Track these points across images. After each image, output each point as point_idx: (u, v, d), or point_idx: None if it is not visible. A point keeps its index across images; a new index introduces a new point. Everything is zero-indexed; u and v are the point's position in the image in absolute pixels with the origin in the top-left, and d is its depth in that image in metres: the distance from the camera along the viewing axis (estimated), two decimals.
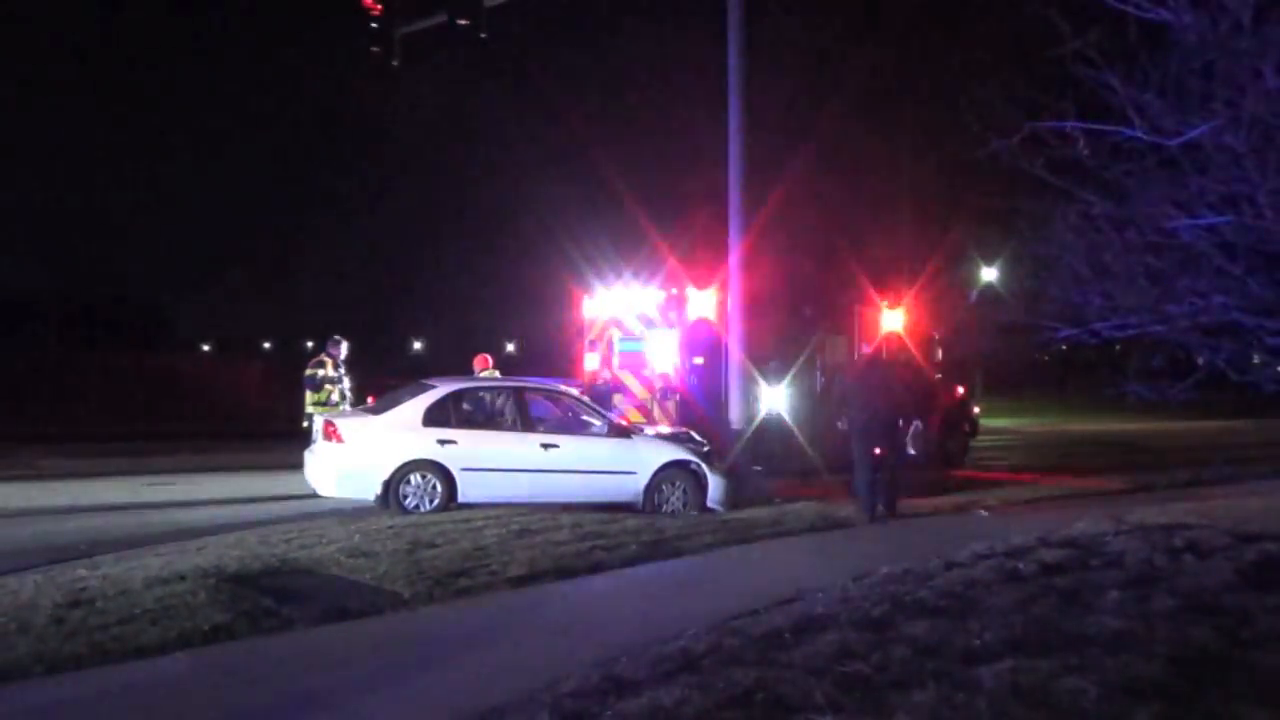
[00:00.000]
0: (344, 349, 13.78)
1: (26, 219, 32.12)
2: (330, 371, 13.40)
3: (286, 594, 6.64)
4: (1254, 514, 9.15)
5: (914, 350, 17.01)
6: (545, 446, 10.88)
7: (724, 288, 14.16)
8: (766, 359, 14.86)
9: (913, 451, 15.66)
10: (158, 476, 14.62)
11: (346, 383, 13.59)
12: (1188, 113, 6.88)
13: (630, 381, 15.50)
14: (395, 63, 15.15)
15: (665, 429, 13.16)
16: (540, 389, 12.02)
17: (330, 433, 10.55)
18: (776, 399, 15.19)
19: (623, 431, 11.54)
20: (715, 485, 11.41)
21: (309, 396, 13.38)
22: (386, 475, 10.35)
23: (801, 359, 15.69)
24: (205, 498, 12.74)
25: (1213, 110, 6.80)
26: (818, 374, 16.14)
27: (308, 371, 13.48)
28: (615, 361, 15.79)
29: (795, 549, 8.79)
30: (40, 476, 14.78)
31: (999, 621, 5.35)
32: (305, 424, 12.91)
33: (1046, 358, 42.52)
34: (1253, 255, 7.05)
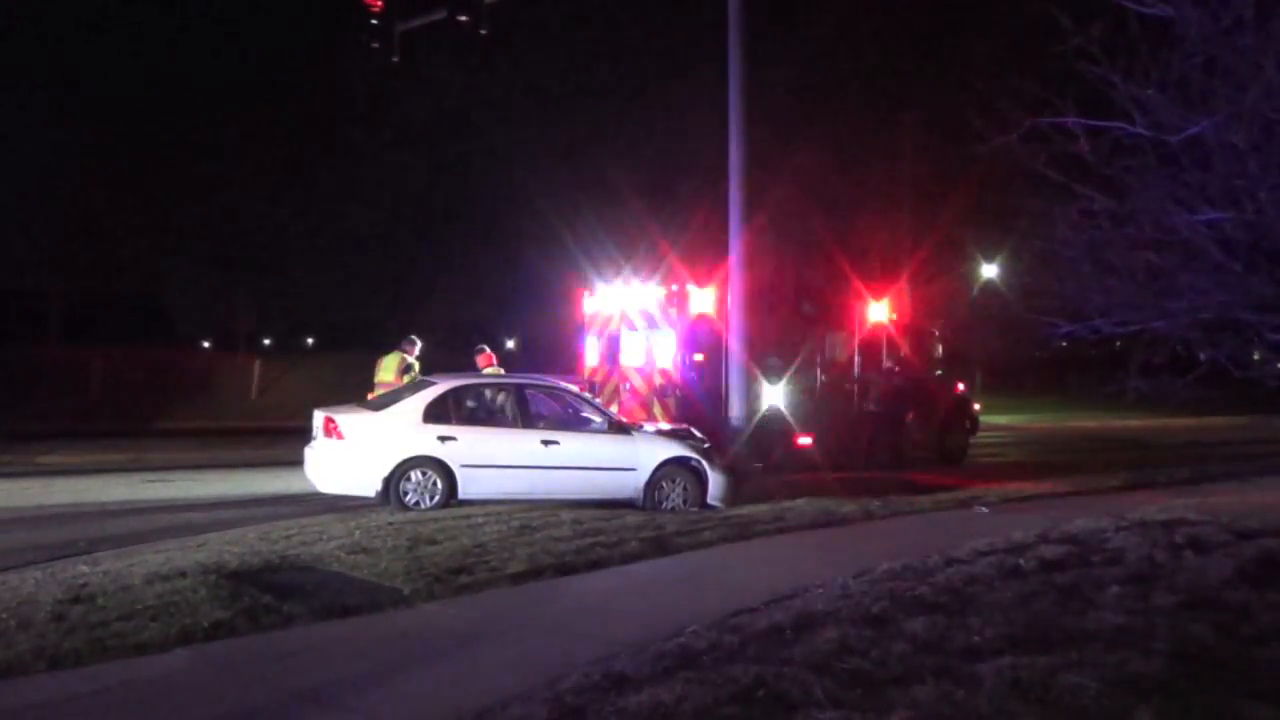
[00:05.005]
0: (418, 347, 13.81)
1: (27, 216, 32.14)
2: (418, 374, 13.26)
3: (287, 590, 6.63)
4: (1254, 510, 9.15)
5: (903, 348, 17.27)
6: (545, 443, 10.87)
7: (724, 285, 14.16)
8: (767, 356, 14.87)
9: None
10: (158, 473, 14.63)
11: None
12: (1189, 109, 6.87)
13: (632, 377, 15.50)
14: (395, 59, 15.13)
15: (665, 425, 13.16)
16: (541, 385, 12.02)
17: (330, 429, 10.54)
18: (777, 396, 15.20)
19: (623, 428, 11.53)
20: (715, 482, 11.40)
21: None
22: (387, 472, 10.35)
23: (802, 356, 15.70)
24: (205, 494, 12.75)
25: (1214, 106, 6.80)
26: (818, 371, 16.15)
27: (405, 379, 13.12)
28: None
29: (795, 546, 8.79)
30: (41, 472, 14.78)
31: (999, 618, 5.35)
32: None
33: (1047, 354, 42.49)
34: (1253, 251, 7.04)
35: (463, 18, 14.44)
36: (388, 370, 13.61)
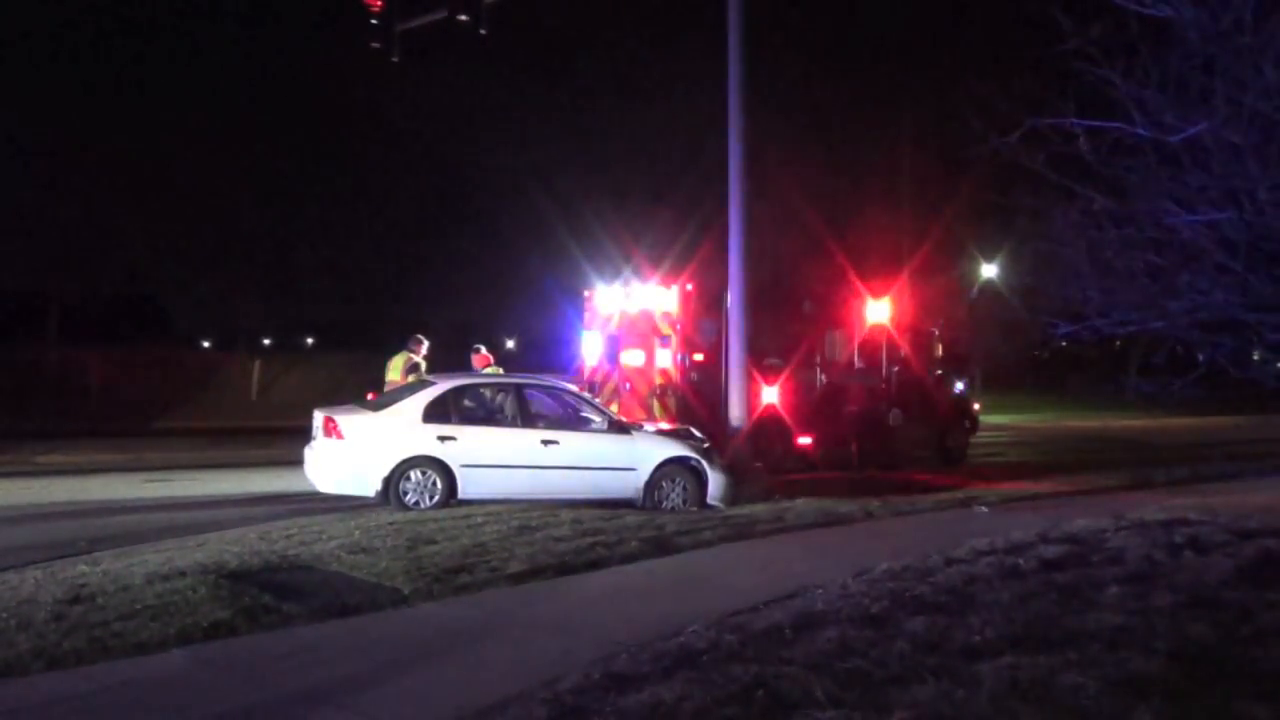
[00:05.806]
0: (425, 347, 13.79)
1: (26, 216, 32.17)
2: (425, 374, 13.22)
3: (286, 590, 6.64)
4: (1253, 510, 9.15)
5: (903, 348, 17.24)
6: (545, 443, 10.86)
7: (723, 285, 14.16)
8: (766, 355, 14.87)
9: None
10: (158, 472, 14.62)
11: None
12: (1188, 109, 6.87)
13: (632, 377, 15.51)
14: (395, 59, 15.12)
15: (665, 425, 13.15)
16: (540, 385, 12.01)
17: (330, 429, 10.54)
18: (776, 395, 15.20)
19: (623, 428, 11.52)
20: (715, 482, 11.39)
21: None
22: (386, 472, 10.35)
23: (801, 355, 15.71)
24: (205, 494, 12.75)
25: (1213, 106, 6.80)
26: (818, 370, 16.16)
27: (411, 378, 12.99)
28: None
29: (795, 545, 8.79)
30: (40, 472, 14.78)
31: (999, 617, 5.35)
32: None
33: (1046, 354, 42.48)
34: (1253, 251, 7.04)
35: (463, 17, 14.43)
36: (395, 370, 13.59)
